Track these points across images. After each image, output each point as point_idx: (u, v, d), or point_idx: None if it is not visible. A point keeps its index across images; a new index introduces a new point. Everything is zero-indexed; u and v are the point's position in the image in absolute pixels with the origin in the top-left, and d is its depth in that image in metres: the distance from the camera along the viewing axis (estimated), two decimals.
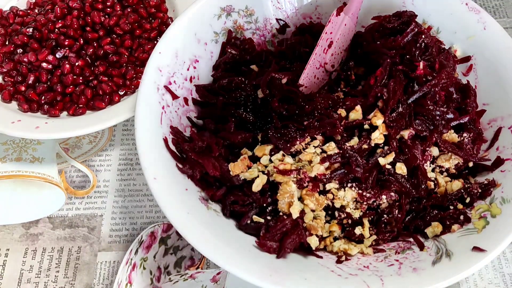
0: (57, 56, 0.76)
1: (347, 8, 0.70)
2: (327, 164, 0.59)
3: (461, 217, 0.58)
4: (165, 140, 0.62)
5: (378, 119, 0.60)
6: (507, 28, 0.95)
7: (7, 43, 0.80)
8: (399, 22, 0.68)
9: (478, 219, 0.57)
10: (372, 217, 0.60)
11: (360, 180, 0.59)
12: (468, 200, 0.59)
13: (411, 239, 0.59)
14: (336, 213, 0.60)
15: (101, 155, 0.84)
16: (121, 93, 0.77)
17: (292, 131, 0.62)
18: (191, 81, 0.70)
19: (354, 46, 0.74)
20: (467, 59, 0.70)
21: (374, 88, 0.63)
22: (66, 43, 0.76)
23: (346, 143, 0.60)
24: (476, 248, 0.52)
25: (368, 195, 0.59)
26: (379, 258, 0.57)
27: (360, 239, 0.60)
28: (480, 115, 0.67)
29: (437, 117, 0.60)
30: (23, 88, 0.75)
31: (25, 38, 0.76)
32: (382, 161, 0.59)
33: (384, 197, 0.59)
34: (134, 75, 0.77)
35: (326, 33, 0.69)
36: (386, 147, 0.60)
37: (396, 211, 0.59)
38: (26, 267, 0.74)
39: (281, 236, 0.57)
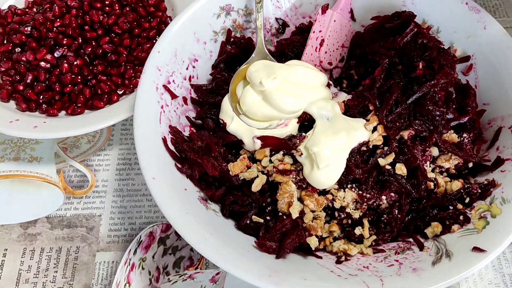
0: (56, 55, 0.75)
1: (335, 5, 0.71)
2: None
3: (461, 217, 0.58)
4: (164, 140, 0.62)
5: (375, 121, 0.60)
6: (507, 28, 0.95)
7: (5, 42, 0.79)
8: (398, 22, 0.68)
9: (478, 219, 0.57)
10: (372, 217, 0.60)
11: (360, 181, 0.59)
12: (467, 200, 0.59)
13: (411, 239, 0.59)
14: (336, 213, 0.60)
15: (99, 155, 0.84)
16: (120, 92, 0.77)
17: None
18: (190, 80, 0.70)
19: (353, 46, 0.74)
20: (467, 58, 0.70)
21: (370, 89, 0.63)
22: (64, 42, 0.76)
23: None
24: (476, 249, 0.52)
25: (368, 195, 0.58)
26: (379, 259, 0.57)
27: (360, 239, 0.60)
28: (480, 115, 0.67)
29: (437, 117, 0.60)
30: (21, 87, 0.74)
31: (23, 37, 0.76)
32: (382, 161, 0.59)
33: (384, 197, 0.59)
34: (133, 74, 0.77)
35: (314, 32, 0.69)
36: (385, 148, 0.60)
37: (396, 212, 0.59)
38: (24, 267, 0.73)
39: (280, 236, 0.57)
